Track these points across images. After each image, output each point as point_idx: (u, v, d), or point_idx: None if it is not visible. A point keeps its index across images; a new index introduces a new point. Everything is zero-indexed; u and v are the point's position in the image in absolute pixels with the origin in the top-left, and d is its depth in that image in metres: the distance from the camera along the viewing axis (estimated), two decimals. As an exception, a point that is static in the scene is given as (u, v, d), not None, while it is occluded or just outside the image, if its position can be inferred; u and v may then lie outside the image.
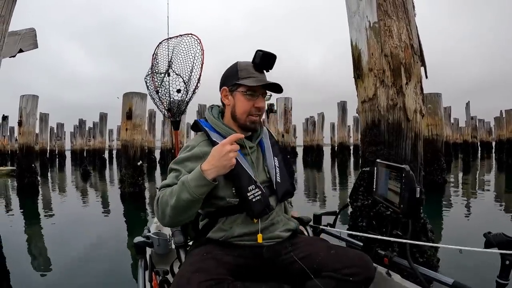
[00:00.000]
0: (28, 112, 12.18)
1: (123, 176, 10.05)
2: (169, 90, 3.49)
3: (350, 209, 3.57)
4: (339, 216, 2.44)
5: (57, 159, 35.14)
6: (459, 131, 33.74)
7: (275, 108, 16.85)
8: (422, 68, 3.49)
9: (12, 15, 4.82)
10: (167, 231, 2.29)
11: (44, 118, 21.30)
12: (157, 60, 3.53)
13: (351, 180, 14.22)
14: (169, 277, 1.84)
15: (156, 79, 3.52)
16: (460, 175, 15.85)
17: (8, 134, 35.05)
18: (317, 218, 2.37)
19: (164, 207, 1.50)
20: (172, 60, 3.47)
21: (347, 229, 3.65)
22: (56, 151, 36.99)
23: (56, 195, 11.77)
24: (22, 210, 8.81)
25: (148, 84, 3.55)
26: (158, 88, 3.51)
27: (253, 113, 1.67)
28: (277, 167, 1.74)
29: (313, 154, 28.46)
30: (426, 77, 3.54)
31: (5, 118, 32.41)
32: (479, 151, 34.84)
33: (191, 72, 3.37)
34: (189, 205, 1.46)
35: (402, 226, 2.71)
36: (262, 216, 1.61)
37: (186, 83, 3.40)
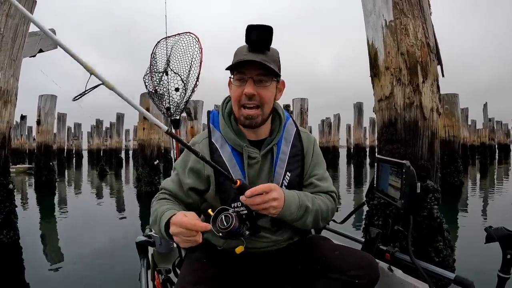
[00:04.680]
0: (46, 111, 12.36)
1: (139, 175, 10.15)
2: (168, 89, 3.49)
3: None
4: (338, 212, 2.43)
5: (74, 158, 35.53)
6: (477, 133, 33.25)
7: (291, 109, 16.80)
8: (439, 67, 3.47)
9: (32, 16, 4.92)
10: None
11: (62, 117, 21.54)
12: (156, 59, 3.52)
13: (367, 181, 14.14)
14: (172, 276, 1.85)
15: (154, 78, 3.52)
16: (478, 177, 15.66)
17: (26, 133, 35.58)
18: None
19: (151, 220, 1.47)
20: (170, 59, 3.46)
21: (363, 228, 3.66)
22: (74, 151, 37.38)
23: (72, 193, 11.93)
24: (39, 207, 8.99)
25: (146, 84, 3.55)
26: (156, 87, 3.51)
27: (244, 102, 1.43)
28: (284, 186, 1.51)
29: (328, 156, 28.26)
30: (443, 75, 3.52)
31: (23, 117, 32.89)
32: (497, 154, 34.29)
33: (189, 71, 3.36)
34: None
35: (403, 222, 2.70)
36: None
37: (185, 82, 3.39)
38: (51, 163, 12.26)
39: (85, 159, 36.57)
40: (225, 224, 1.25)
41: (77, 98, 1.13)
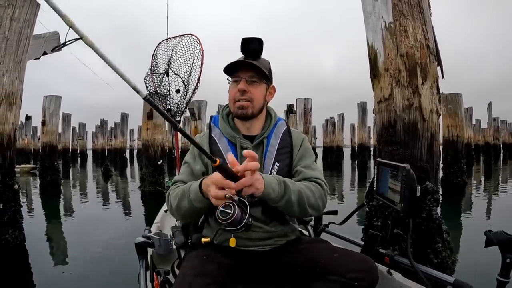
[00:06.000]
0: (51, 112, 12.43)
1: (143, 175, 10.21)
2: (169, 90, 3.48)
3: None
4: (338, 214, 2.43)
5: (79, 158, 35.66)
6: (481, 132, 33.01)
7: (295, 109, 16.80)
8: (439, 68, 3.47)
9: (36, 19, 4.96)
10: (168, 231, 2.27)
11: (66, 118, 21.63)
12: (157, 61, 3.51)
13: (370, 181, 14.11)
14: (170, 277, 1.85)
15: (155, 80, 3.52)
16: (482, 177, 15.60)
17: (31, 133, 35.75)
18: (318, 217, 2.37)
19: (171, 206, 1.62)
20: (171, 60, 3.46)
21: (362, 229, 3.67)
22: (78, 150, 37.51)
23: (77, 193, 11.99)
24: (44, 207, 9.07)
25: (147, 85, 3.55)
26: (157, 89, 3.50)
27: (238, 98, 1.65)
28: (273, 175, 1.58)
29: (333, 155, 28.22)
30: (443, 77, 3.53)
31: (28, 118, 33.02)
32: (502, 153, 34.08)
33: (190, 72, 3.36)
34: (189, 212, 1.56)
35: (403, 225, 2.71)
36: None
37: (186, 83, 3.39)
38: (56, 163, 12.32)
39: (90, 159, 36.67)
40: (229, 212, 1.26)
41: (55, 49, 1.15)
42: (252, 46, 1.62)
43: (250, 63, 1.60)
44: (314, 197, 1.57)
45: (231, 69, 1.66)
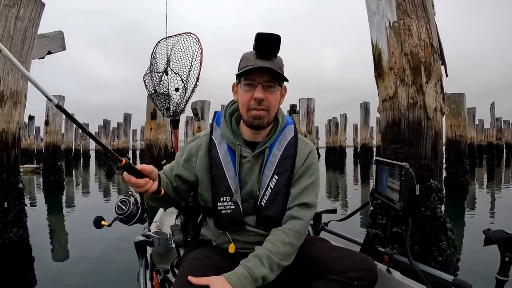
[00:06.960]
0: (54, 112, 12.42)
1: (147, 174, 10.20)
2: (168, 89, 3.47)
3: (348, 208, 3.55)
4: (337, 213, 2.42)
5: (81, 158, 35.63)
6: (484, 132, 32.87)
7: (298, 109, 16.79)
8: (442, 67, 3.48)
9: (41, 18, 4.98)
10: (167, 230, 2.27)
11: (69, 118, 21.61)
12: (156, 60, 3.51)
13: (373, 181, 14.10)
14: (170, 276, 1.86)
15: (154, 78, 3.51)
16: (484, 177, 15.57)
17: (34, 133, 35.81)
18: (317, 216, 2.37)
19: None
20: (170, 59, 3.45)
21: (367, 227, 3.67)
22: (81, 150, 37.48)
23: (80, 192, 12.05)
24: (47, 205, 9.12)
25: (146, 84, 3.54)
26: (156, 87, 3.49)
27: (253, 106, 1.49)
28: (270, 188, 1.55)
29: (335, 156, 28.16)
30: (447, 75, 3.54)
31: (31, 118, 33.09)
32: (504, 153, 33.95)
33: (189, 71, 3.35)
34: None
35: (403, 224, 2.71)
36: (228, 230, 1.56)
37: (185, 82, 3.39)
38: (59, 163, 12.33)
39: (92, 159, 36.68)
40: (124, 209, 1.39)
41: None
42: (269, 44, 1.46)
43: (267, 68, 1.45)
44: (285, 253, 1.45)
45: (244, 70, 1.48)
